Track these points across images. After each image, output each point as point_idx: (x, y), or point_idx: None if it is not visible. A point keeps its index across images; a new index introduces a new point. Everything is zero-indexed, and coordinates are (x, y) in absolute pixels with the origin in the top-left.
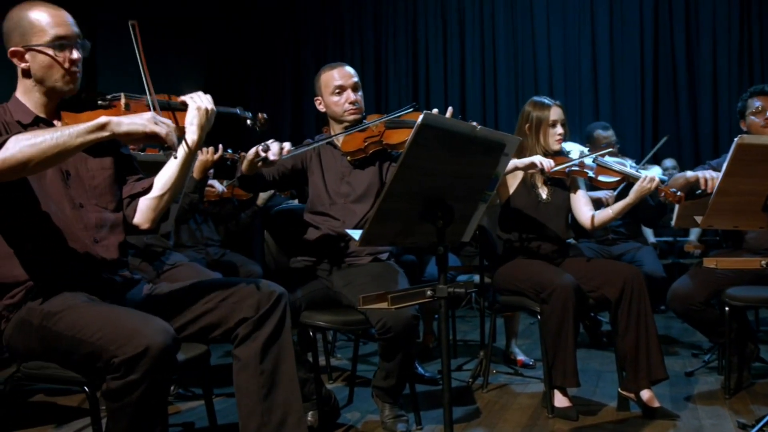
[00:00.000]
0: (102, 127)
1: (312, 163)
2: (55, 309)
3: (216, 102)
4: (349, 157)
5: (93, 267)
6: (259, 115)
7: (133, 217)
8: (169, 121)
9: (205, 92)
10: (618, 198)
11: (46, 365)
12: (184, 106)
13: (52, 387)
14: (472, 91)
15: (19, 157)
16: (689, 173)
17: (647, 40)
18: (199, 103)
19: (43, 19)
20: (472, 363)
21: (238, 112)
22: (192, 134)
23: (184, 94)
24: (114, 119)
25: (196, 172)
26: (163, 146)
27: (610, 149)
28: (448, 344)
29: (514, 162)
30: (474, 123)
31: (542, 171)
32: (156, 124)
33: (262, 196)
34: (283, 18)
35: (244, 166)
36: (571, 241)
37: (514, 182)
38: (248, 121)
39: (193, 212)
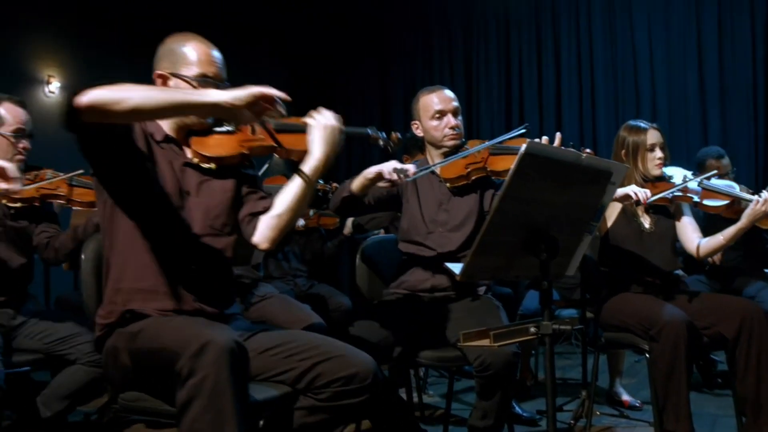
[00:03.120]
0: (208, 93)
1: (408, 190)
2: (138, 327)
3: None
4: (449, 184)
5: (193, 294)
6: (393, 134)
7: (252, 235)
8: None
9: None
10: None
11: (142, 397)
12: (305, 126)
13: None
14: (569, 116)
15: (115, 95)
16: None
17: (759, 58)
18: (320, 120)
19: (196, 55)
20: (574, 403)
21: (370, 132)
22: (317, 151)
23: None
24: (222, 91)
25: None
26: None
27: (715, 172)
28: (553, 384)
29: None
30: (588, 150)
31: (637, 203)
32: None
33: (348, 225)
34: (370, 37)
35: (359, 185)
36: (680, 272)
37: (613, 213)
38: (380, 142)
39: (285, 244)
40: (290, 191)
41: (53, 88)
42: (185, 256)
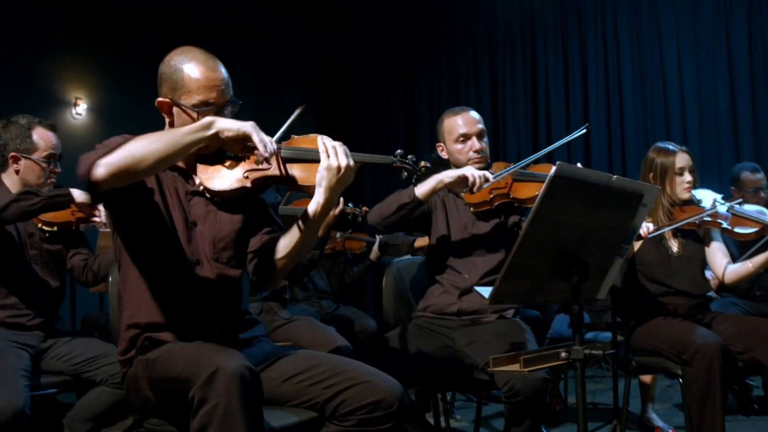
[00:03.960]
0: (208, 126)
1: (437, 210)
2: (155, 355)
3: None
4: (472, 209)
5: (203, 327)
6: (422, 163)
7: (253, 274)
8: (269, 139)
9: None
10: None
11: (165, 423)
12: (317, 155)
13: None
14: (597, 136)
15: (133, 157)
16: None
17: None
18: (331, 161)
19: (196, 79)
20: (605, 429)
21: (393, 160)
22: (319, 196)
23: (297, 134)
24: (219, 119)
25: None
26: (257, 157)
27: (741, 200)
28: (585, 411)
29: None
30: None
31: (639, 237)
32: (255, 129)
33: (375, 250)
34: (396, 57)
35: (430, 190)
36: (712, 294)
37: None
38: (404, 173)
39: (312, 268)
40: (292, 235)
41: (80, 110)
42: (195, 289)
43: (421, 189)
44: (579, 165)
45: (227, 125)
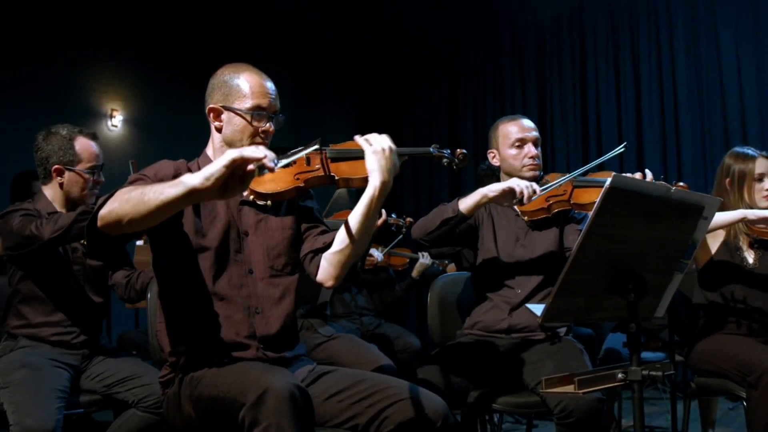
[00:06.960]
0: (176, 184)
1: (484, 223)
2: (199, 374)
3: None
4: (527, 217)
5: (253, 343)
6: (458, 151)
7: (316, 274)
8: (258, 150)
9: None
10: None
11: None
12: (362, 153)
13: None
14: (651, 144)
15: (115, 213)
16: None
17: None
18: (375, 146)
19: (248, 86)
20: None
21: (432, 151)
22: (375, 180)
23: (336, 141)
24: (188, 175)
25: None
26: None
27: None
28: None
29: (743, 212)
30: (681, 184)
31: None
32: (242, 149)
33: (418, 268)
34: (439, 67)
35: (473, 204)
36: None
37: (714, 243)
38: (444, 160)
39: (353, 280)
40: (352, 225)
41: (116, 122)
42: (247, 302)
43: (465, 203)
44: (648, 173)
45: (204, 173)
